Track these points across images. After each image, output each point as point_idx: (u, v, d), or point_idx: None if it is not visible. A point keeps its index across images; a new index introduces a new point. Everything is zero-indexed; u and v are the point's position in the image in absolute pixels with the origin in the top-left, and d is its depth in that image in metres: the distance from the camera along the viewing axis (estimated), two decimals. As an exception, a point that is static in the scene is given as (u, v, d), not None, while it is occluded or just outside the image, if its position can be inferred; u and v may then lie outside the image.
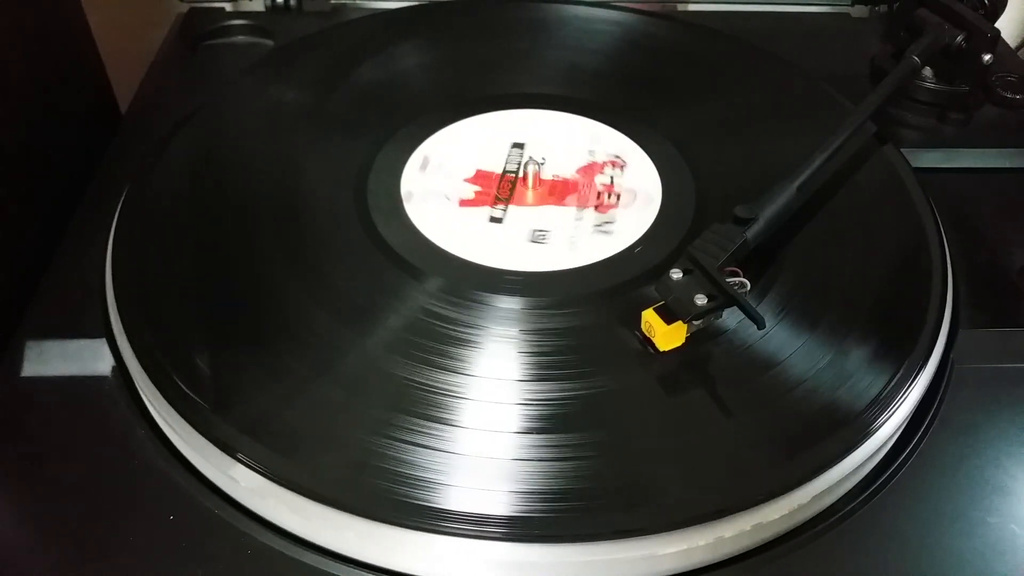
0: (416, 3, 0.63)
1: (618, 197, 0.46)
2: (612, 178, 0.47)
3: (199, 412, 0.35)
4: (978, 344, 0.41)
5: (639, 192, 0.46)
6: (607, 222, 0.44)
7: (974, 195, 0.50)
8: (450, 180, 0.47)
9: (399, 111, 0.51)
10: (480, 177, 0.48)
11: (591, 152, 0.49)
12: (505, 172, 0.48)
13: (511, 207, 0.46)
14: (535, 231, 0.44)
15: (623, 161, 0.47)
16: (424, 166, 0.48)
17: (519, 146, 0.49)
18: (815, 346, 0.38)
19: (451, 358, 0.37)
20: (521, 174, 0.47)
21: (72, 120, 0.54)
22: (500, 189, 0.47)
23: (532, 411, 0.36)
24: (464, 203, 0.46)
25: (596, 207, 0.45)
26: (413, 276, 0.41)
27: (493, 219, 0.45)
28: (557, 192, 0.47)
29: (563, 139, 0.50)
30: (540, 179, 0.47)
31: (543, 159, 0.48)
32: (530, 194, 0.46)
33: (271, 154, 0.48)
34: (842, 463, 0.35)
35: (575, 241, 0.43)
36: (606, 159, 0.48)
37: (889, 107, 0.54)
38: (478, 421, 0.35)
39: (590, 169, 0.48)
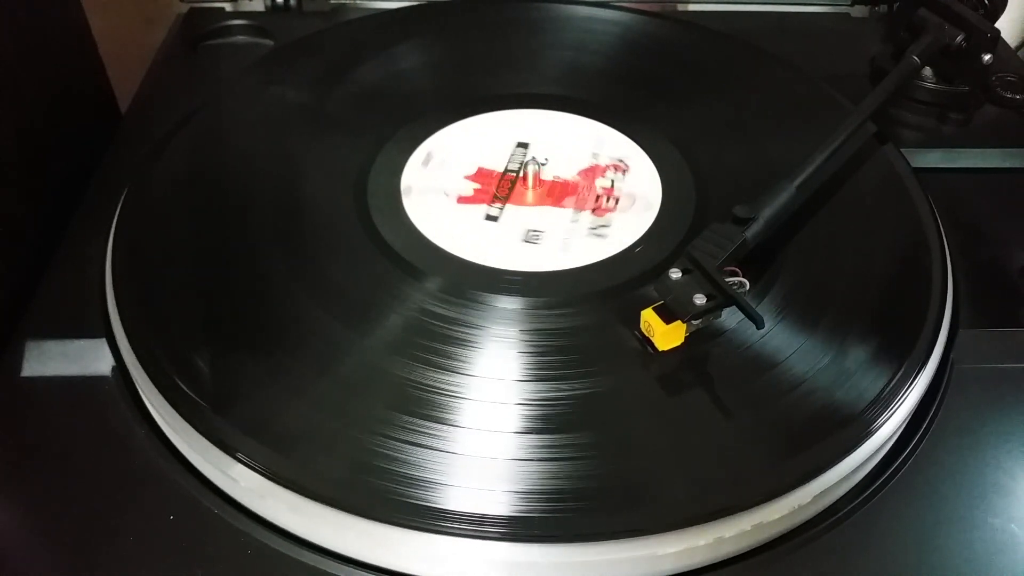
0: (416, 3, 0.63)
1: (616, 201, 0.46)
2: (613, 182, 0.47)
3: (199, 412, 0.35)
4: (978, 344, 0.41)
5: (638, 196, 0.46)
6: (602, 225, 0.44)
7: (974, 195, 0.50)
8: (451, 177, 0.47)
9: (399, 111, 0.51)
10: (481, 175, 0.48)
11: (595, 155, 0.49)
12: (507, 171, 0.48)
13: (508, 206, 0.46)
14: (529, 231, 0.44)
15: (625, 165, 0.47)
16: (427, 162, 0.48)
17: (523, 146, 0.49)
18: (815, 346, 0.38)
19: (450, 358, 0.37)
20: (522, 174, 0.47)
21: (72, 120, 0.54)
22: (499, 188, 0.47)
23: (531, 411, 0.36)
24: (462, 200, 0.46)
25: (593, 210, 0.45)
26: (413, 276, 0.41)
27: (489, 217, 0.45)
28: (556, 193, 0.47)
29: (568, 140, 0.50)
30: (540, 179, 0.47)
31: (545, 159, 0.48)
32: (529, 194, 0.46)
33: (271, 154, 0.48)
34: (842, 463, 0.35)
35: (568, 243, 0.43)
36: (609, 162, 0.48)
37: (889, 107, 0.54)
38: (477, 421, 0.35)
39: (592, 172, 0.48)
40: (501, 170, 0.48)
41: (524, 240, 0.44)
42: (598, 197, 0.46)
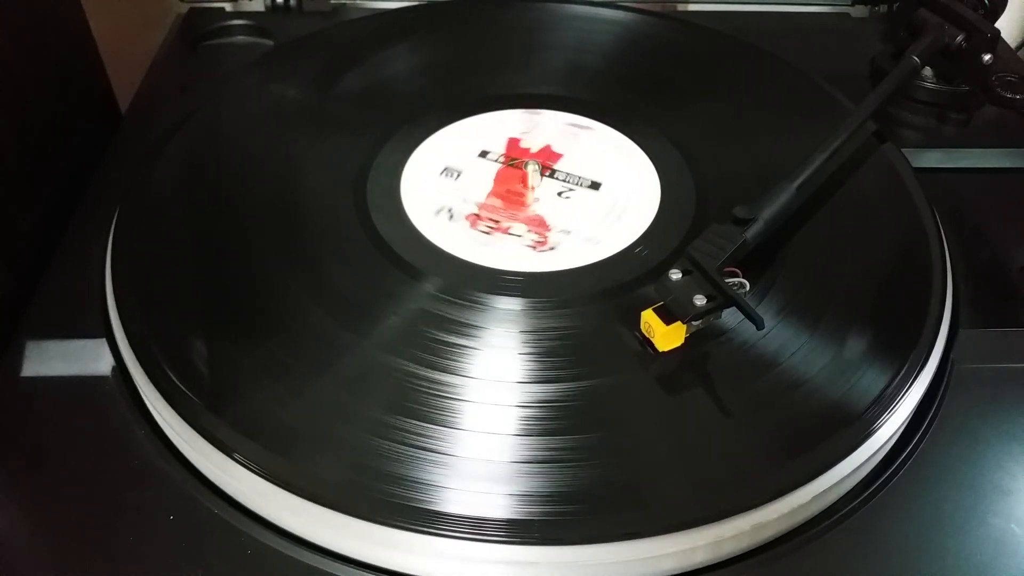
0: (416, 3, 0.63)
1: (490, 231, 0.44)
2: (533, 245, 0.43)
3: (198, 412, 0.35)
4: (978, 344, 0.41)
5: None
6: (449, 213, 0.45)
7: (974, 195, 0.50)
8: (505, 135, 0.50)
9: (399, 111, 0.51)
10: (519, 149, 0.49)
11: (599, 226, 0.45)
12: (534, 161, 0.48)
13: (499, 166, 0.48)
14: (454, 169, 0.47)
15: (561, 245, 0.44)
16: (529, 112, 0.52)
17: (595, 186, 0.47)
18: (815, 346, 0.38)
19: (450, 359, 0.37)
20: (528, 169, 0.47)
21: (72, 120, 0.54)
22: (512, 156, 0.49)
23: (531, 412, 0.35)
24: (484, 153, 0.49)
25: (480, 212, 0.45)
26: (412, 276, 0.41)
27: (482, 153, 0.49)
28: (519, 195, 0.46)
29: (612, 208, 0.46)
30: (534, 184, 0.47)
31: (572, 189, 0.47)
32: (529, 195, 0.46)
33: (270, 154, 0.48)
34: (842, 463, 0.35)
35: (445, 200, 0.45)
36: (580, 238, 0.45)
37: (889, 107, 0.54)
38: (477, 423, 0.35)
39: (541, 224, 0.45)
40: (535, 158, 0.49)
41: (440, 170, 0.47)
42: (501, 222, 0.44)
